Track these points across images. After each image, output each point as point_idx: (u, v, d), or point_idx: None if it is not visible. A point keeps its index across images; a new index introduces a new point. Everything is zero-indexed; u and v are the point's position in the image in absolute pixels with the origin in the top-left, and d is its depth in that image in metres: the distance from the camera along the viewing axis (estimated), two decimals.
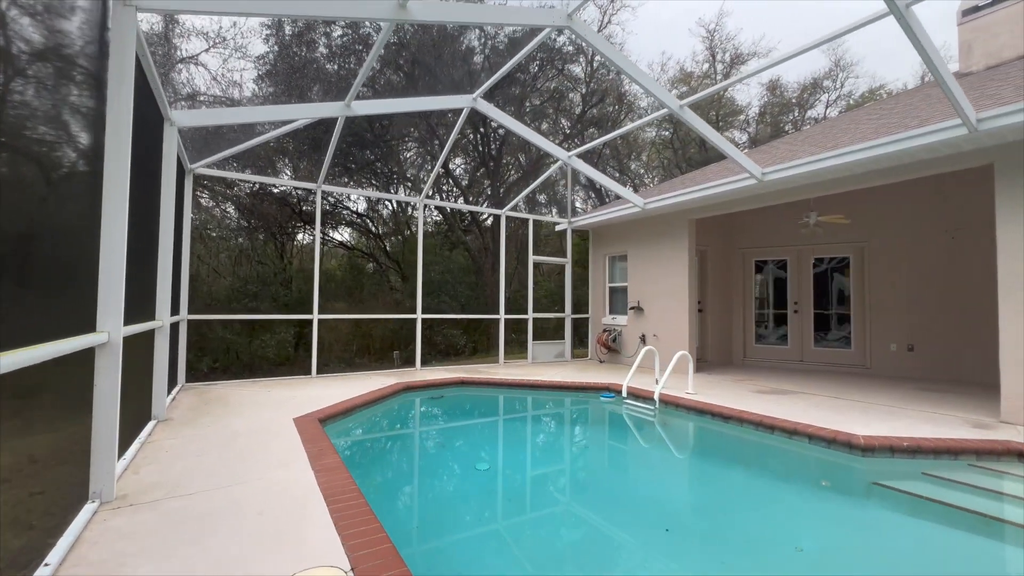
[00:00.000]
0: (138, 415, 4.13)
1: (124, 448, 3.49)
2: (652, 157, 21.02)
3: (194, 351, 9.29)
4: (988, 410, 5.43)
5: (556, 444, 5.54)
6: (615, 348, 10.14)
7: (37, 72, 2.13)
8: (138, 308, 3.88)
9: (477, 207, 15.44)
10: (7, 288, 1.92)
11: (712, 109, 19.49)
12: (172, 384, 5.83)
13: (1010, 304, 5.00)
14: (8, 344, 1.73)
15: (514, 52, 11.45)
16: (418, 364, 9.09)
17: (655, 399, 6.14)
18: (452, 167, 15.77)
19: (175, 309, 5.92)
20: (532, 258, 10.59)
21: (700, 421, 5.62)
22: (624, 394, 6.66)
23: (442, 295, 13.21)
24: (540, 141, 8.12)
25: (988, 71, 8.15)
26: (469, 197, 16.07)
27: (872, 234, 8.93)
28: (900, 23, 3.94)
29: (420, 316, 9.03)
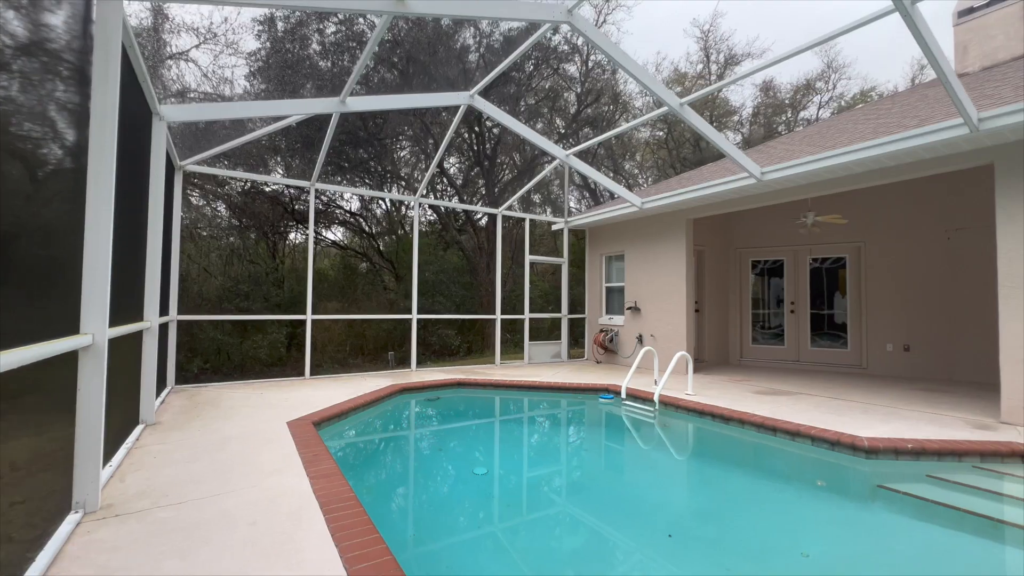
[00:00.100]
0: (125, 419, 3.99)
1: (110, 454, 3.36)
2: (646, 157, 21.02)
3: (184, 352, 9.11)
4: (987, 410, 5.42)
5: (557, 447, 5.46)
6: (612, 349, 10.09)
7: (22, 67, 2.04)
8: (125, 309, 3.74)
9: (473, 206, 15.34)
10: None
11: (706, 109, 19.53)
12: (161, 386, 5.66)
13: (1010, 304, 4.98)
14: None
15: (509, 51, 11.35)
16: (413, 365, 8.97)
17: (655, 400, 6.08)
18: (447, 166, 15.65)
19: (164, 310, 5.76)
20: (528, 258, 10.50)
21: (701, 423, 5.56)
22: (623, 395, 6.59)
23: (437, 295, 13.11)
24: (538, 140, 8.04)
25: (984, 72, 8.18)
26: (464, 196, 15.96)
27: (868, 234, 8.95)
28: (905, 20, 3.90)
29: (416, 316, 8.92)
